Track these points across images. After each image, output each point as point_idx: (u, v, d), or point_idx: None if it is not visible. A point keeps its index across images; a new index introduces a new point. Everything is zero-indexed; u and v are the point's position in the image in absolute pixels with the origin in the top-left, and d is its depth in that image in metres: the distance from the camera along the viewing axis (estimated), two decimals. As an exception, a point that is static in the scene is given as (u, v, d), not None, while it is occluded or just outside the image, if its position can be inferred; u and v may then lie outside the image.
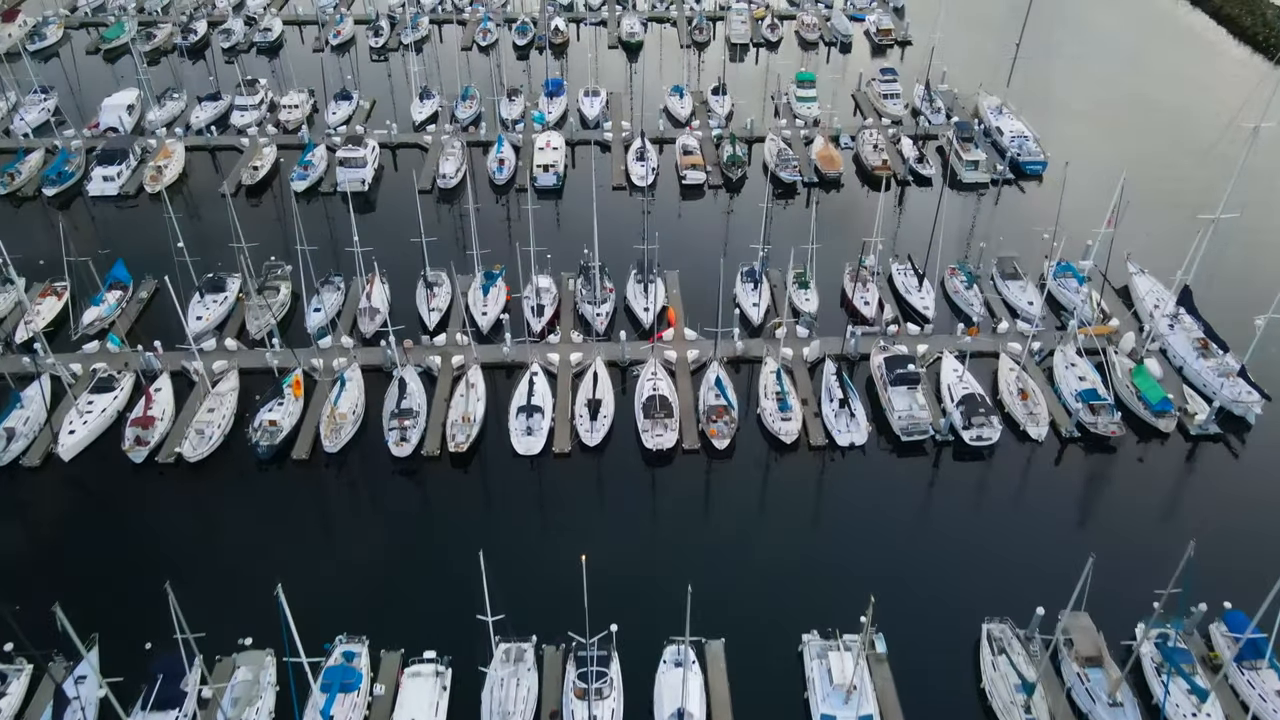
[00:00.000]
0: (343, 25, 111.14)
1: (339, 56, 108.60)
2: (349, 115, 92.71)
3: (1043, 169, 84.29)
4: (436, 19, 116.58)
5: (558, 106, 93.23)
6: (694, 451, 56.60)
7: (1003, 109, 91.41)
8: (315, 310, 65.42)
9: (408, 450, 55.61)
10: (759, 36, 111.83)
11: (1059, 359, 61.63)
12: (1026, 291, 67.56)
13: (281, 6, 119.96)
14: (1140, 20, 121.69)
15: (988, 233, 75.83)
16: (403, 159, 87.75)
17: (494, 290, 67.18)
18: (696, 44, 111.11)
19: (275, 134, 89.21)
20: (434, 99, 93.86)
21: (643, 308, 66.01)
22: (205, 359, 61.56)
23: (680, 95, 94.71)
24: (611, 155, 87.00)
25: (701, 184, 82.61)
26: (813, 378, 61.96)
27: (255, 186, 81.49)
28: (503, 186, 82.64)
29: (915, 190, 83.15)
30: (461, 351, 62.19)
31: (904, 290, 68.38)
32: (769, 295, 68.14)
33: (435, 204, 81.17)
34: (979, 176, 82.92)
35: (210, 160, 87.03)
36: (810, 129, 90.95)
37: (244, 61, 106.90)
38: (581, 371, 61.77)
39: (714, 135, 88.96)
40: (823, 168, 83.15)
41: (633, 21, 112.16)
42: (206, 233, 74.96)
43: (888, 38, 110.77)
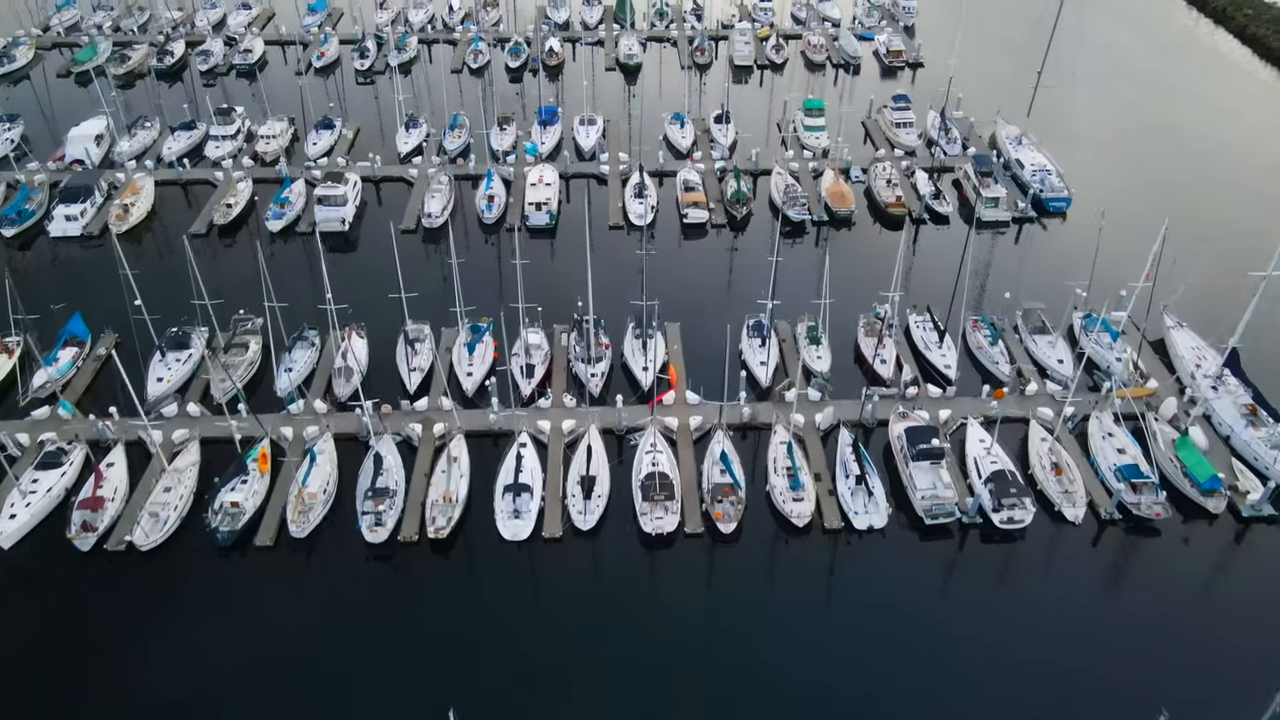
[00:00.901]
0: (327, 46, 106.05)
1: (323, 80, 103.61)
2: (330, 145, 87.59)
3: (1066, 206, 79.22)
4: (425, 39, 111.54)
5: (551, 136, 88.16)
6: (697, 535, 51.58)
7: (1022, 139, 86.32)
8: (286, 370, 60.33)
9: (383, 535, 50.53)
10: (763, 58, 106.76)
11: (1094, 426, 56.61)
12: (1056, 348, 62.48)
13: (264, 26, 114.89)
14: (1161, 41, 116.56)
15: (1010, 278, 70.56)
16: (387, 193, 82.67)
17: (481, 347, 62.13)
18: (698, 65, 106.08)
19: (252, 166, 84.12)
20: (421, 127, 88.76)
21: (641, 367, 61.00)
22: (165, 426, 56.60)
23: (681, 124, 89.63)
24: (608, 190, 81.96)
25: (704, 223, 77.55)
26: (825, 445, 57.01)
27: (228, 226, 76.34)
28: (492, 226, 77.55)
29: (932, 229, 78.06)
30: (444, 418, 57.17)
31: (923, 346, 63.31)
32: (778, 351, 63.12)
33: (421, 243, 76.18)
34: (999, 214, 77.84)
35: (182, 195, 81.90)
36: (819, 160, 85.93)
37: (224, 84, 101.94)
38: (574, 441, 56.74)
39: (717, 168, 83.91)
40: (833, 205, 78.14)
41: (631, 42, 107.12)
42: (173, 280, 69.64)
43: (898, 59, 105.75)
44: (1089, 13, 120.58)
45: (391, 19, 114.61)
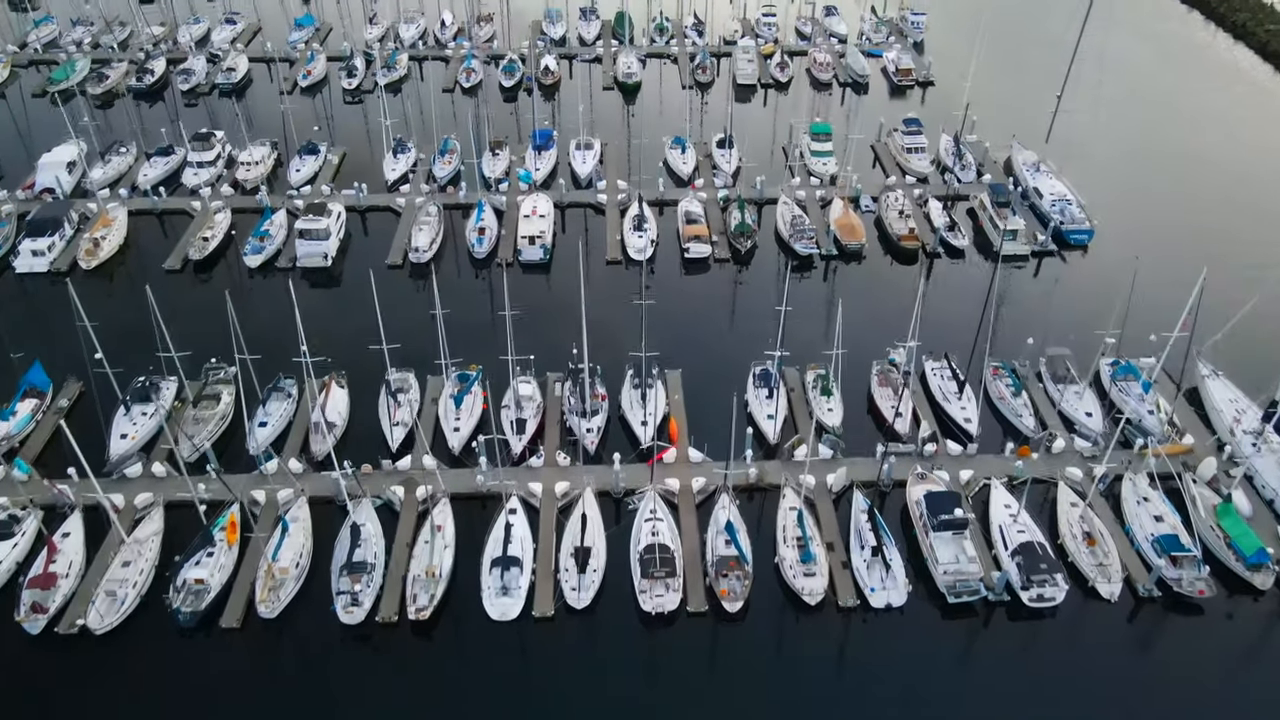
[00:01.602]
0: (314, 64, 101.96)
1: (309, 99, 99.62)
2: (315, 172, 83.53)
3: (1089, 239, 75.16)
4: (417, 55, 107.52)
5: (546, 162, 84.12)
6: (700, 614, 47.57)
7: (1040, 166, 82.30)
8: (260, 425, 56.36)
9: (359, 616, 46.46)
10: (767, 76, 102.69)
11: (1128, 490, 52.60)
12: (1083, 399, 58.42)
13: (249, 42, 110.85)
14: (1180, 57, 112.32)
15: (1031, 319, 66.21)
16: (374, 224, 78.64)
17: (469, 399, 58.10)
18: (699, 84, 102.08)
19: (231, 195, 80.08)
20: (409, 152, 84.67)
21: (640, 421, 56.98)
22: (128, 489, 52.59)
23: (682, 149, 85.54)
24: (606, 221, 77.95)
25: (707, 257, 73.58)
26: (838, 509, 53.03)
27: (204, 261, 72.21)
28: (483, 261, 73.54)
29: (946, 264, 74.04)
30: (428, 479, 53.16)
31: (941, 397, 59.26)
32: (786, 403, 59.11)
33: (408, 278, 72.18)
34: (1018, 248, 73.79)
35: (157, 226, 77.86)
36: (826, 188, 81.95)
37: (206, 105, 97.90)
38: (568, 506, 52.76)
39: (720, 198, 79.87)
40: (842, 238, 74.11)
41: (630, 60, 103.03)
42: (142, 325, 65.40)
43: (907, 78, 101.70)
44: (1105, 29, 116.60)
45: (381, 35, 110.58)
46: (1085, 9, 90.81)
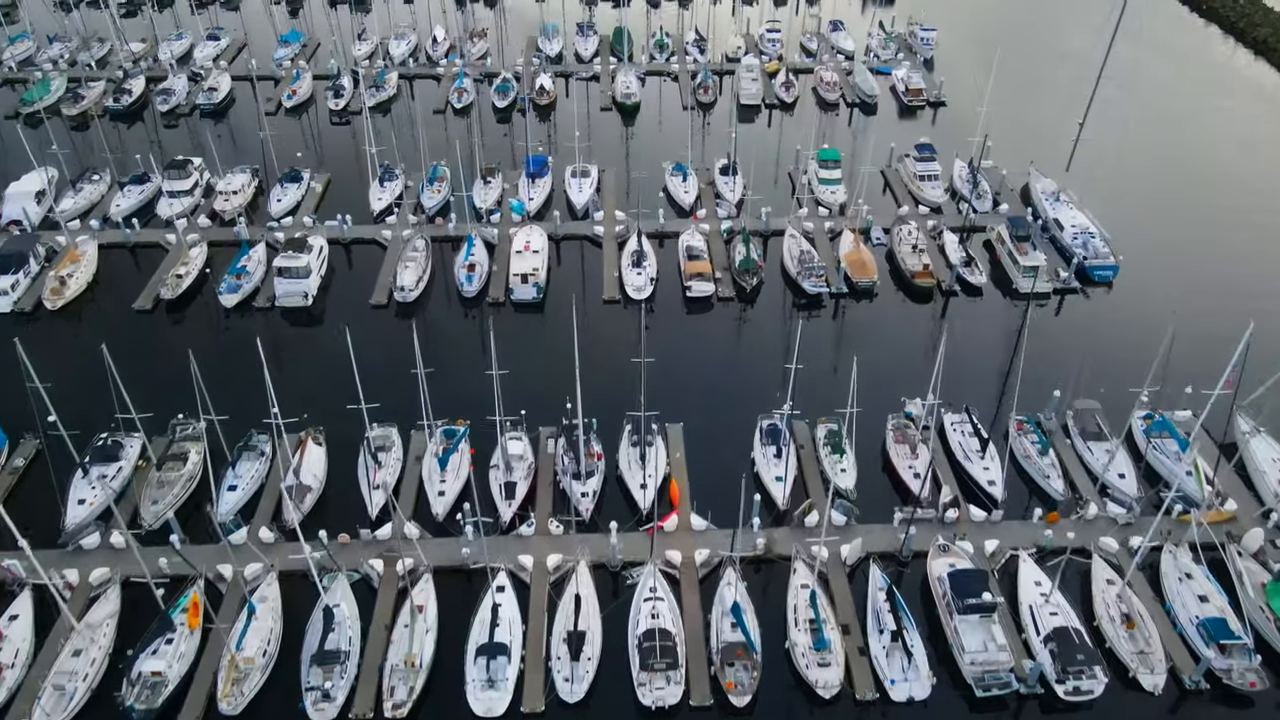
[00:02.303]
0: (299, 84, 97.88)
1: (295, 120, 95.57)
2: (298, 201, 79.47)
3: (1113, 275, 71.15)
4: (407, 74, 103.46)
5: (541, 191, 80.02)
6: (705, 708, 43.48)
7: (1060, 195, 78.26)
8: (230, 488, 52.28)
9: (331, 713, 42.26)
10: (772, 96, 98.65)
11: (1168, 564, 48.51)
12: (1116, 459, 54.34)
13: (233, 59, 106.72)
14: (1200, 75, 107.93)
15: (1055, 365, 61.83)
16: (358, 258, 74.49)
17: (455, 458, 53.99)
18: (701, 105, 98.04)
19: (208, 227, 76.00)
20: (397, 179, 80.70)
21: (639, 484, 52.89)
22: (83, 563, 48.54)
23: (684, 176, 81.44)
24: (603, 255, 73.87)
25: (709, 296, 69.54)
26: (853, 582, 49.00)
27: (177, 300, 68.12)
28: (473, 300, 69.44)
29: (964, 302, 69.97)
30: (409, 551, 49.09)
31: (963, 455, 55.15)
32: (796, 462, 55.03)
33: (393, 318, 68.11)
34: (1040, 285, 69.80)
35: (130, 261, 73.72)
36: (835, 219, 77.91)
37: (186, 126, 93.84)
38: (561, 581, 48.70)
39: (723, 230, 75.79)
40: (853, 275, 70.03)
41: (629, 79, 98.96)
42: (107, 376, 61.86)
43: (918, 98, 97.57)
44: (1123, 46, 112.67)
45: (370, 51, 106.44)
46: (1110, 32, 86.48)
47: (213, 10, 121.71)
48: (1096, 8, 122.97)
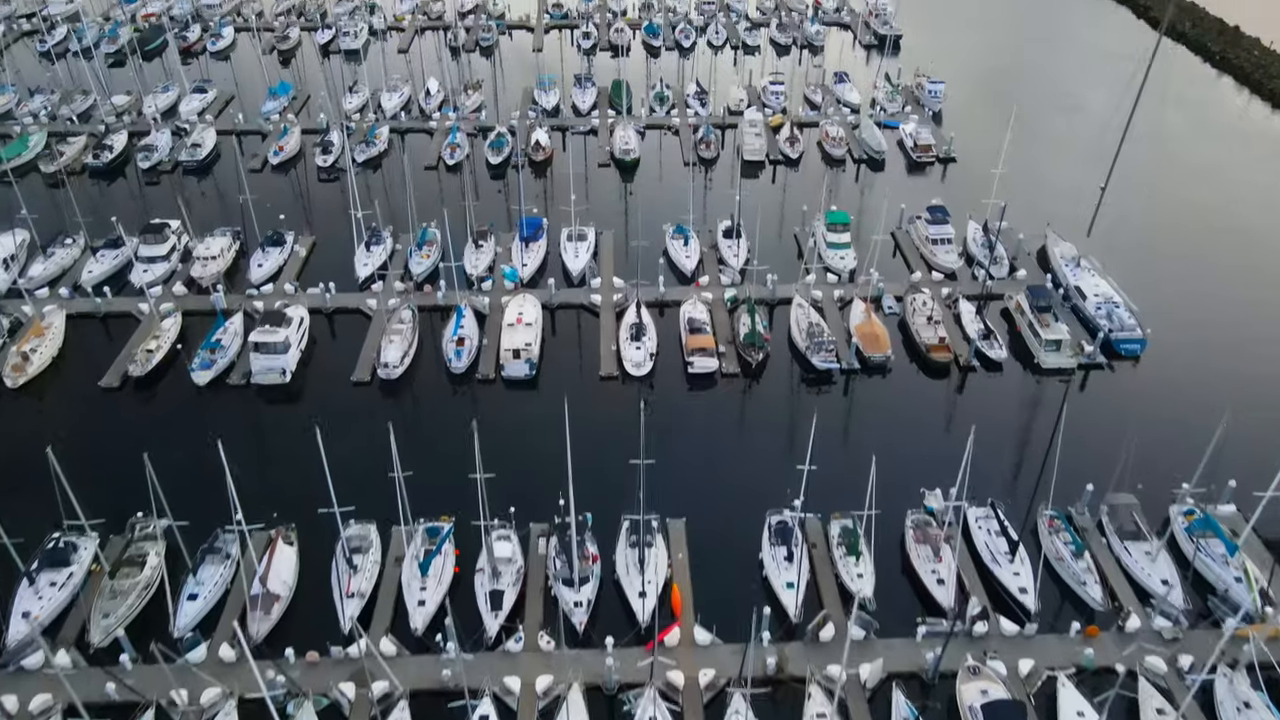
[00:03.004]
0: (287, 139, 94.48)
1: (282, 176, 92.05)
2: (279, 266, 75.64)
3: (1141, 349, 67.15)
4: (399, 128, 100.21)
5: (535, 255, 76.24)
6: None
7: (1081, 261, 74.51)
8: (191, 597, 47.81)
9: None
10: (776, 152, 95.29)
11: (1222, 689, 43.88)
12: (1157, 563, 49.91)
13: (220, 113, 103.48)
14: (1218, 128, 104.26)
15: (1084, 451, 57.37)
16: (342, 328, 70.40)
17: (438, 561, 49.59)
18: (703, 160, 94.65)
19: (184, 295, 72.07)
20: (384, 243, 77.02)
21: (638, 592, 48.45)
22: (22, 687, 43.96)
23: (685, 240, 77.74)
24: (600, 327, 69.89)
25: (713, 373, 65.51)
26: (873, 702, 44.43)
27: (146, 378, 63.99)
28: (462, 376, 65.36)
29: (983, 378, 65.82)
30: (384, 673, 44.54)
31: (990, 558, 50.72)
32: (809, 566, 50.63)
33: (379, 396, 64.02)
34: (1063, 361, 65.77)
35: (101, 333, 69.55)
36: (845, 286, 74.08)
37: (169, 184, 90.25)
38: (551, 707, 44.11)
39: (727, 299, 71.89)
40: (865, 349, 66.02)
41: (627, 134, 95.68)
42: (69, 456, 57.52)
43: (927, 154, 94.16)
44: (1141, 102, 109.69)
45: (362, 105, 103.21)
46: (1135, 89, 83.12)
47: (203, 61, 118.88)
48: (1106, 58, 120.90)
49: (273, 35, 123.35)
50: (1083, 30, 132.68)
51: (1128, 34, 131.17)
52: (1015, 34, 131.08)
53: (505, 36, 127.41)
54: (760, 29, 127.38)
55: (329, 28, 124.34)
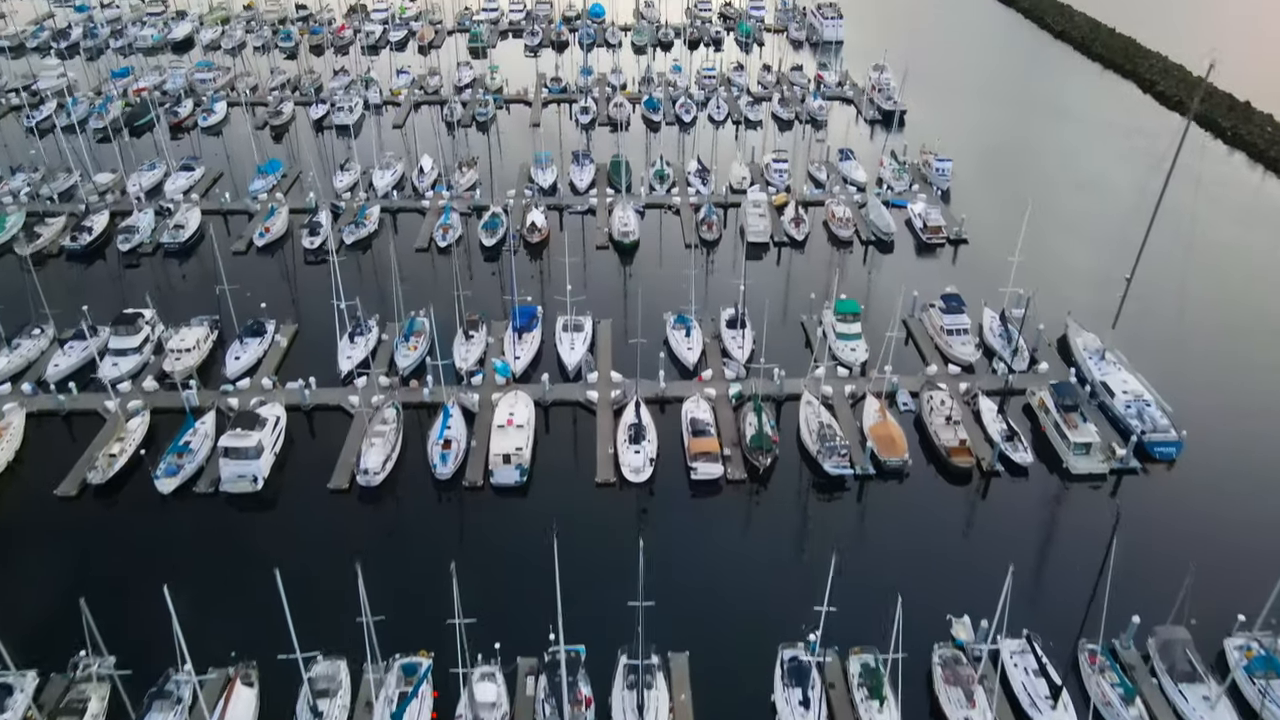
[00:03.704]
0: (274, 220, 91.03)
1: (268, 258, 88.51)
2: (258, 359, 71.57)
3: (1177, 453, 62.74)
4: (390, 207, 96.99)
5: (528, 347, 72.23)
6: None
7: (1106, 354, 70.46)
8: (134, 752, 42.87)
9: None
10: (781, 233, 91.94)
11: None
12: (1216, 710, 44.92)
13: (206, 191, 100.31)
14: (1236, 205, 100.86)
15: (1126, 573, 52.06)
16: (321, 427, 66.11)
17: (414, 706, 44.56)
18: (705, 242, 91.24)
19: (155, 391, 67.76)
20: (370, 333, 73.10)
21: (636, 743, 43.43)
22: None
23: (687, 330, 73.80)
24: (597, 427, 65.55)
25: (718, 479, 61.00)
26: None
27: (107, 485, 59.42)
28: (448, 483, 60.75)
29: (1007, 484, 61.26)
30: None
31: (1029, 702, 45.48)
32: (826, 707, 45.57)
33: (358, 504, 59.37)
34: (1094, 465, 61.31)
35: (64, 433, 65.14)
36: (856, 379, 69.94)
37: (151, 267, 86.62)
38: None
39: (731, 395, 67.68)
40: (881, 452, 61.57)
41: (626, 214, 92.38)
42: (15, 579, 52.90)
43: (937, 236, 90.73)
44: (1155, 177, 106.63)
45: (353, 183, 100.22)
46: (1150, 164, 79.78)
47: (193, 136, 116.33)
48: (1115, 131, 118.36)
49: (266, 110, 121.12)
50: (1088, 104, 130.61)
51: (1135, 108, 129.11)
52: (1020, 108, 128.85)
53: (503, 111, 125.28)
54: (762, 103, 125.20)
55: (323, 102, 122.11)
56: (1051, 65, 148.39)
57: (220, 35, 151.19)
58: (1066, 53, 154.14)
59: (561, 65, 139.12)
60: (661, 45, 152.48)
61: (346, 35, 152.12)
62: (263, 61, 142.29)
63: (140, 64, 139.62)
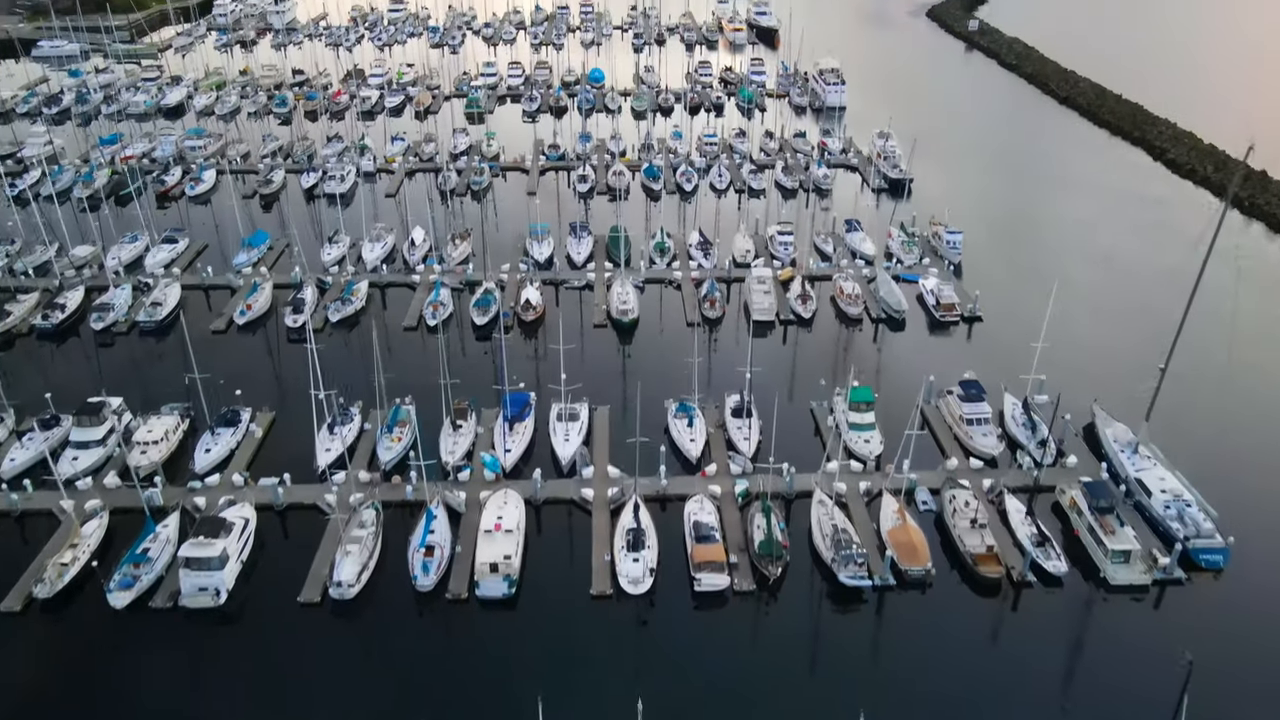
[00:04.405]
0: (256, 296, 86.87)
1: (250, 336, 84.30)
2: (230, 451, 66.91)
3: (1224, 561, 57.66)
4: (379, 282, 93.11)
5: (520, 439, 67.63)
6: None
7: (1140, 448, 65.80)
8: None
9: None
10: (787, 311, 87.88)
11: None
12: None
13: (188, 265, 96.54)
14: (1264, 284, 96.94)
15: (1168, 693, 47.85)
16: (294, 527, 61.07)
17: None
18: (707, 320, 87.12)
19: (116, 489, 62.92)
20: (351, 421, 68.64)
21: None
22: None
23: (689, 420, 69.21)
24: (593, 530, 60.55)
25: (723, 590, 55.91)
26: None
27: (55, 599, 54.16)
28: (429, 596, 55.59)
29: (1041, 595, 56.07)
30: None
31: None
32: None
33: (331, 619, 54.20)
34: (1135, 576, 56.12)
35: (16, 535, 60.11)
36: (872, 475, 65.18)
37: (125, 347, 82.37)
38: None
39: (738, 494, 62.86)
40: (901, 560, 56.47)
41: (625, 290, 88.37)
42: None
43: (951, 314, 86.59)
44: (1179, 250, 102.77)
45: (341, 256, 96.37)
46: (1168, 235, 75.73)
47: (180, 206, 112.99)
48: (1128, 200, 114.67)
49: (256, 178, 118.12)
50: (1099, 172, 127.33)
51: (1148, 176, 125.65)
52: (1029, 176, 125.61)
53: (499, 179, 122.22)
54: (765, 171, 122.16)
55: (315, 170, 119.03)
56: (1059, 131, 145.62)
57: (214, 101, 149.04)
58: (1073, 119, 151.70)
59: (560, 131, 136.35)
60: (662, 110, 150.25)
61: (342, 100, 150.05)
62: (256, 127, 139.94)
63: (132, 130, 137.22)
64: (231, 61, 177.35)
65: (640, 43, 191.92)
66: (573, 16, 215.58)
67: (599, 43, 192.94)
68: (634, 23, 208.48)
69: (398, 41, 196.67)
